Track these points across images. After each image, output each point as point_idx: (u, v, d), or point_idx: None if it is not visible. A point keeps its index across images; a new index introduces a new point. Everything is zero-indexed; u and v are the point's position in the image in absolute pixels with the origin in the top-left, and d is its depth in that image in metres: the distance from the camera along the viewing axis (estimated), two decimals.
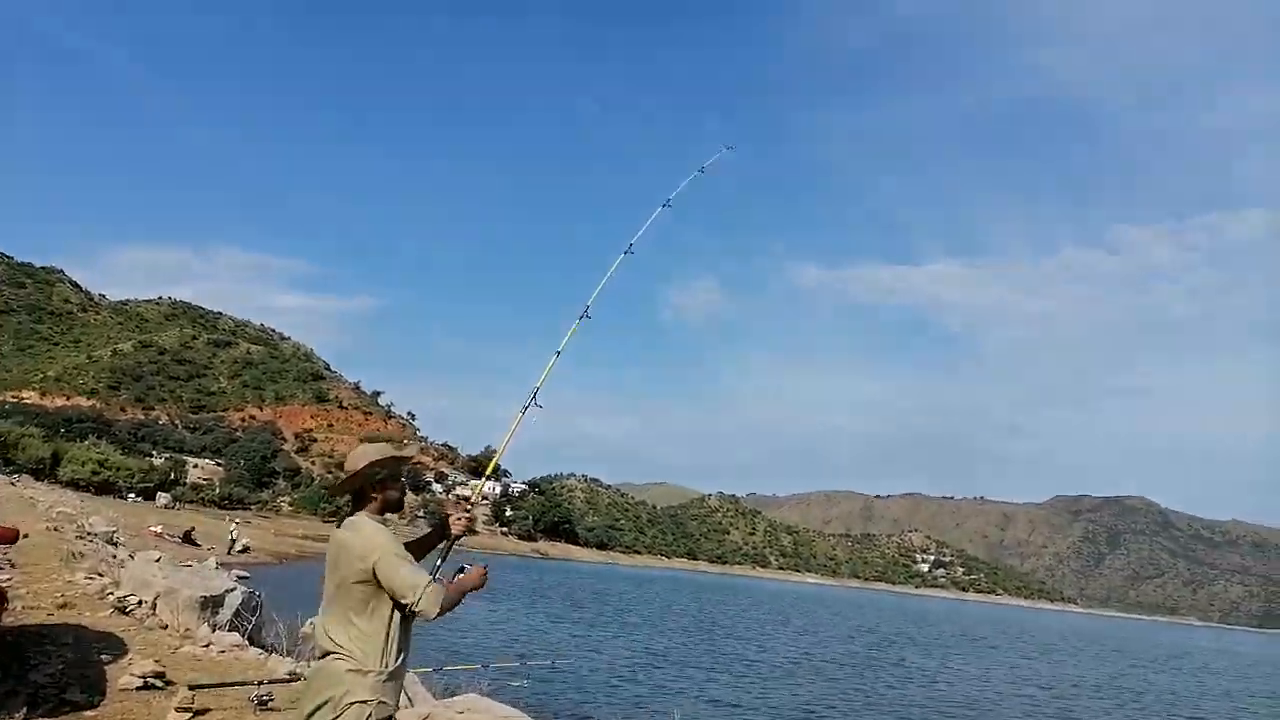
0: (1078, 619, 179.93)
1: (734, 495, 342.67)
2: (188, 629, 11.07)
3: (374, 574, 3.31)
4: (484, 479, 4.31)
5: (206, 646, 9.49)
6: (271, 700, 7.01)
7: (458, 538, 3.85)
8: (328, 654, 3.35)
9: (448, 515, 3.88)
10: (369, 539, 3.37)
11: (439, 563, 3.76)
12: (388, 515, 3.61)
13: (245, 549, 42.30)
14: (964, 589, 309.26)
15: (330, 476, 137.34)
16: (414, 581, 3.31)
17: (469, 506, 4.02)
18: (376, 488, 3.56)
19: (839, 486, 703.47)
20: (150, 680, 7.16)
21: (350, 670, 3.26)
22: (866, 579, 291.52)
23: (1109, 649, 59.80)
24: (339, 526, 3.62)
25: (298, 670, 9.07)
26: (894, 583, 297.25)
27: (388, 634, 3.35)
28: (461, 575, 3.55)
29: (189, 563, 19.67)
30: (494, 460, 4.24)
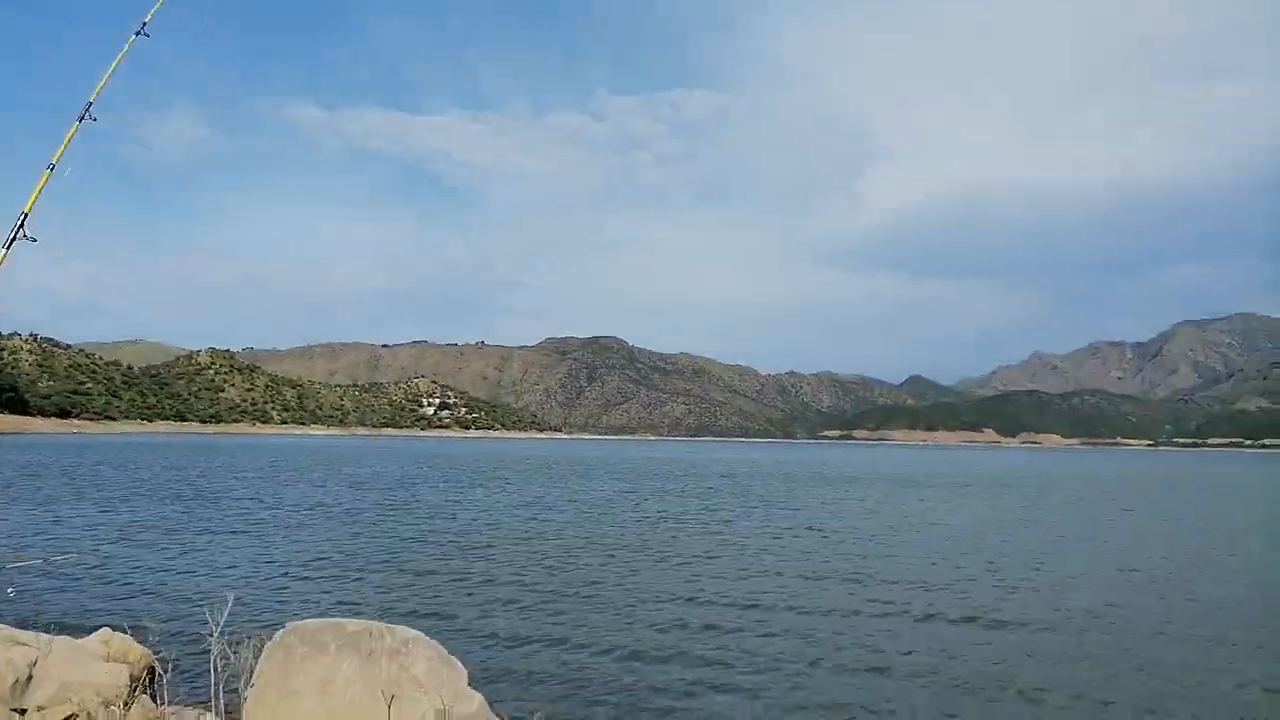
0: (563, 445, 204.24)
1: (229, 350, 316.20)
2: None
3: None
4: None
5: None
6: None
7: None
8: None
9: None
10: None
11: None
12: None
13: None
14: (467, 427, 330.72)
15: None
16: None
17: None
18: None
19: (345, 339, 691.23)
20: None
21: None
22: (375, 426, 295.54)
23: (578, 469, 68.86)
24: None
25: None
26: (401, 427, 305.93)
27: None
28: None
29: None
30: None
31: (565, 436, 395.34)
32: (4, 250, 2.99)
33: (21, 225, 3.03)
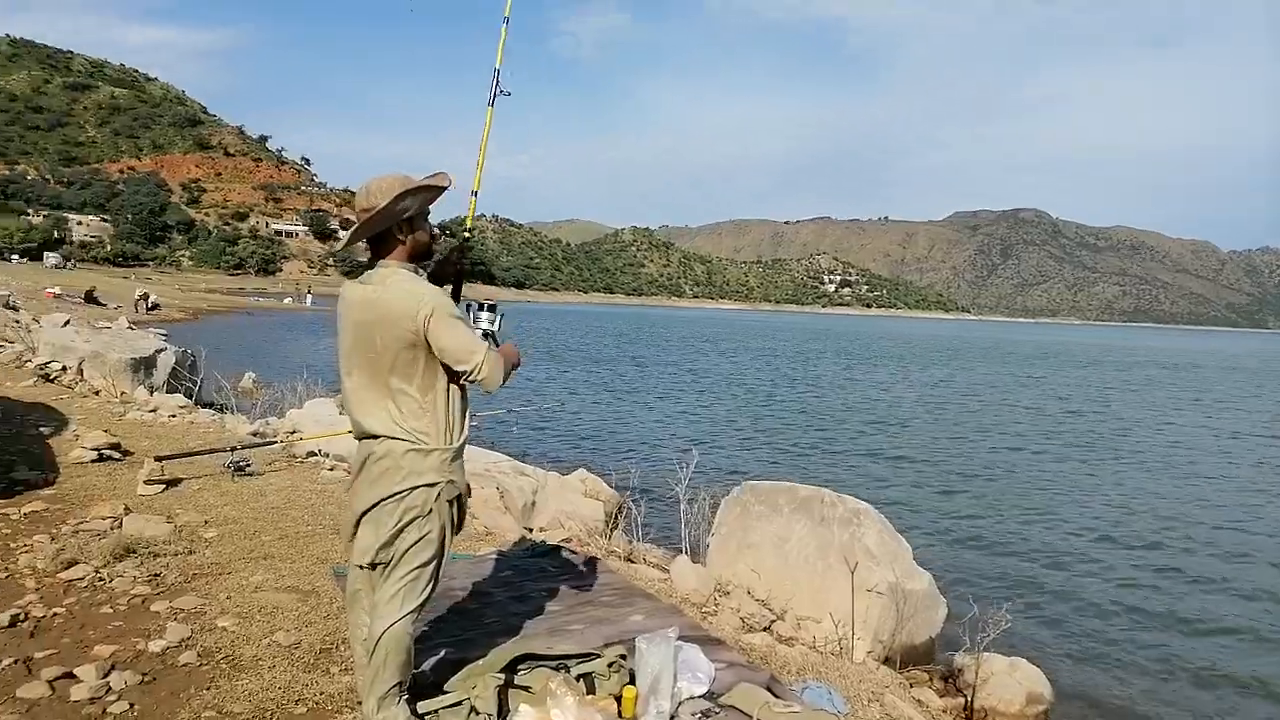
0: (972, 327, 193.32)
1: (647, 228, 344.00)
2: (124, 393, 10.33)
3: (425, 337, 2.60)
4: (474, 199, 3.37)
5: (153, 412, 8.81)
6: (249, 465, 6.48)
7: (462, 270, 3.10)
8: (373, 434, 2.70)
9: (451, 251, 3.11)
10: (412, 294, 2.61)
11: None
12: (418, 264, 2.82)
13: (155, 306, 40.53)
14: (868, 305, 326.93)
15: (229, 228, 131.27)
16: (474, 345, 2.63)
17: (467, 235, 3.21)
18: (404, 228, 2.72)
19: (749, 215, 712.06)
20: (105, 452, 6.51)
21: (410, 450, 2.63)
22: (779, 302, 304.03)
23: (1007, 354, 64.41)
24: (356, 276, 2.83)
25: (261, 431, 8.55)
26: (803, 304, 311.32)
27: (448, 404, 2.70)
28: (504, 347, 2.87)
29: (104, 324, 18.48)
30: (477, 175, 3.31)
31: (974, 318, 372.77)
32: (490, 107, 3.19)
33: (497, 81, 3.21)
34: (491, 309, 2.92)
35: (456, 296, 3.05)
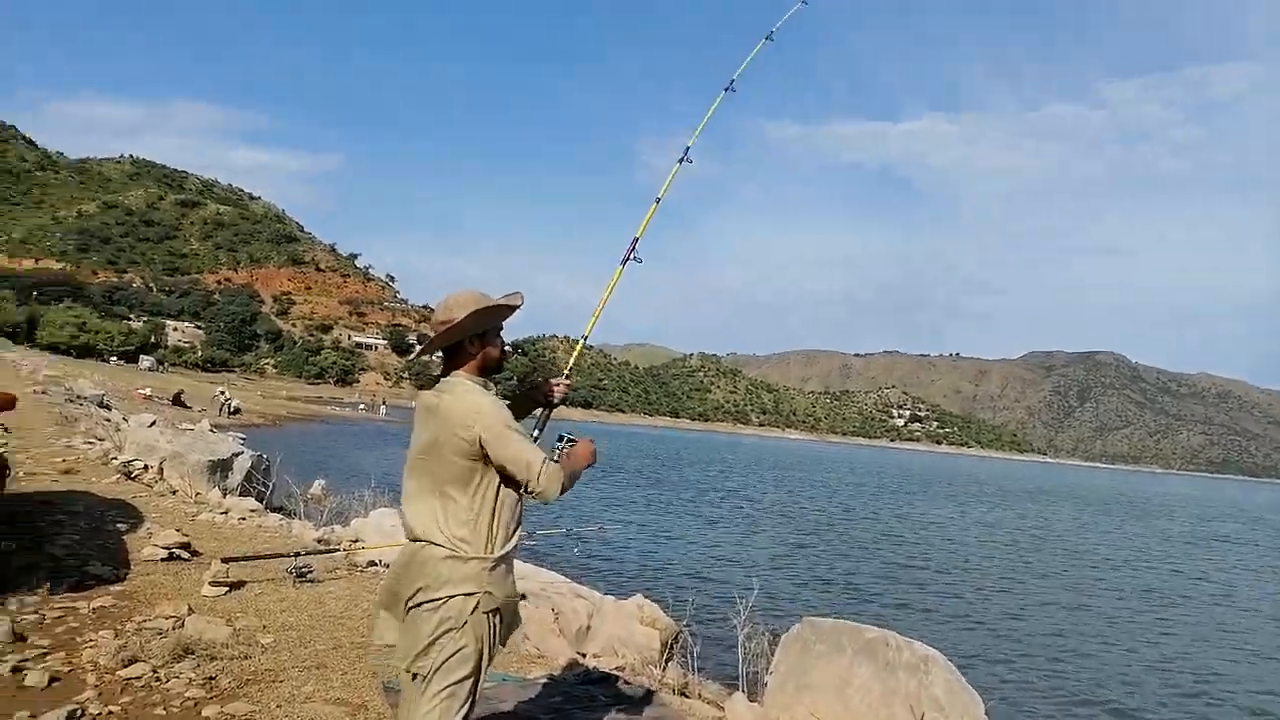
0: (1049, 469, 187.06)
1: (715, 355, 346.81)
2: (199, 494, 10.62)
3: (480, 446, 2.67)
4: (582, 341, 3.65)
5: (225, 514, 9.03)
6: (311, 572, 6.55)
7: (555, 405, 3.22)
8: (417, 539, 2.74)
9: (545, 380, 3.24)
10: (475, 406, 2.71)
11: (536, 434, 3.12)
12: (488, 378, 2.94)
13: (236, 410, 42.02)
14: (938, 441, 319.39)
15: (313, 338, 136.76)
16: (530, 457, 2.68)
17: (566, 372, 3.38)
18: (476, 343, 2.87)
19: (818, 346, 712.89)
20: (175, 551, 6.67)
21: (448, 558, 2.66)
22: (845, 434, 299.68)
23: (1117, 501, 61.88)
24: (428, 388, 2.94)
25: (325, 538, 8.66)
26: (871, 437, 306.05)
27: (493, 514, 2.74)
28: (570, 450, 2.93)
29: (186, 426, 19.19)
30: (591, 321, 3.58)
31: (1050, 460, 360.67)
32: (620, 266, 3.42)
33: (634, 248, 3.46)
34: (570, 440, 2.99)
35: (544, 423, 3.18)
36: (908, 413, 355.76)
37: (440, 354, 2.90)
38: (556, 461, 2.85)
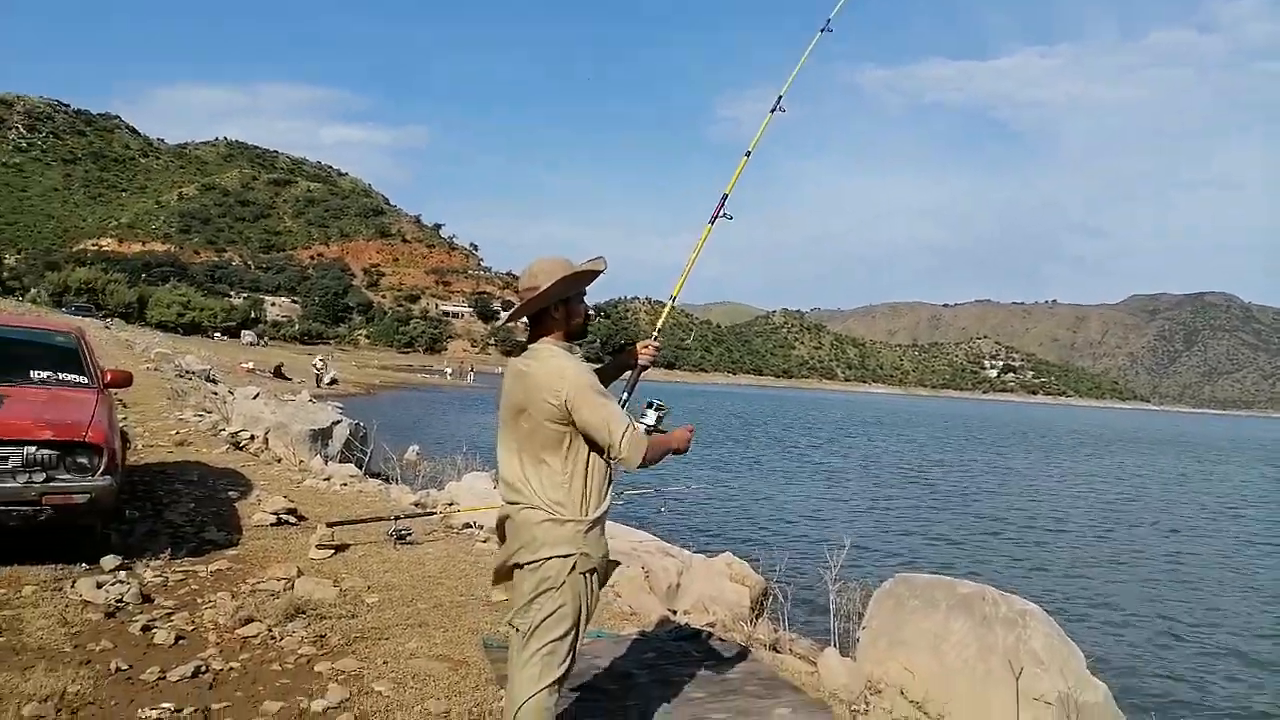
0: (1155, 417, 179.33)
1: (798, 310, 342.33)
2: (302, 462, 11.10)
3: (568, 410, 2.71)
4: (669, 303, 3.65)
5: (327, 480, 9.41)
6: (409, 534, 6.79)
7: (644, 368, 3.25)
8: (515, 502, 2.81)
9: (634, 343, 3.26)
10: (559, 371, 2.74)
11: (625, 396, 3.15)
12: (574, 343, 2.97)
13: (333, 381, 43.61)
14: (1033, 392, 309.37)
15: (401, 309, 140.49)
16: (613, 423, 2.70)
17: (655, 333, 3.39)
18: (561, 309, 2.89)
19: (905, 298, 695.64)
20: (283, 516, 6.99)
21: (545, 520, 2.72)
22: (935, 387, 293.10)
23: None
24: (517, 355, 2.99)
25: (421, 501, 8.95)
26: (961, 389, 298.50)
27: (586, 477, 2.78)
28: (667, 433, 2.94)
29: (288, 397, 20.01)
30: (680, 282, 3.60)
31: (1154, 408, 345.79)
32: (710, 225, 3.42)
33: (723, 205, 3.45)
34: (659, 407, 3.00)
35: (633, 385, 3.24)
36: (1001, 363, 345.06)
37: (526, 320, 2.94)
38: (649, 431, 2.87)
